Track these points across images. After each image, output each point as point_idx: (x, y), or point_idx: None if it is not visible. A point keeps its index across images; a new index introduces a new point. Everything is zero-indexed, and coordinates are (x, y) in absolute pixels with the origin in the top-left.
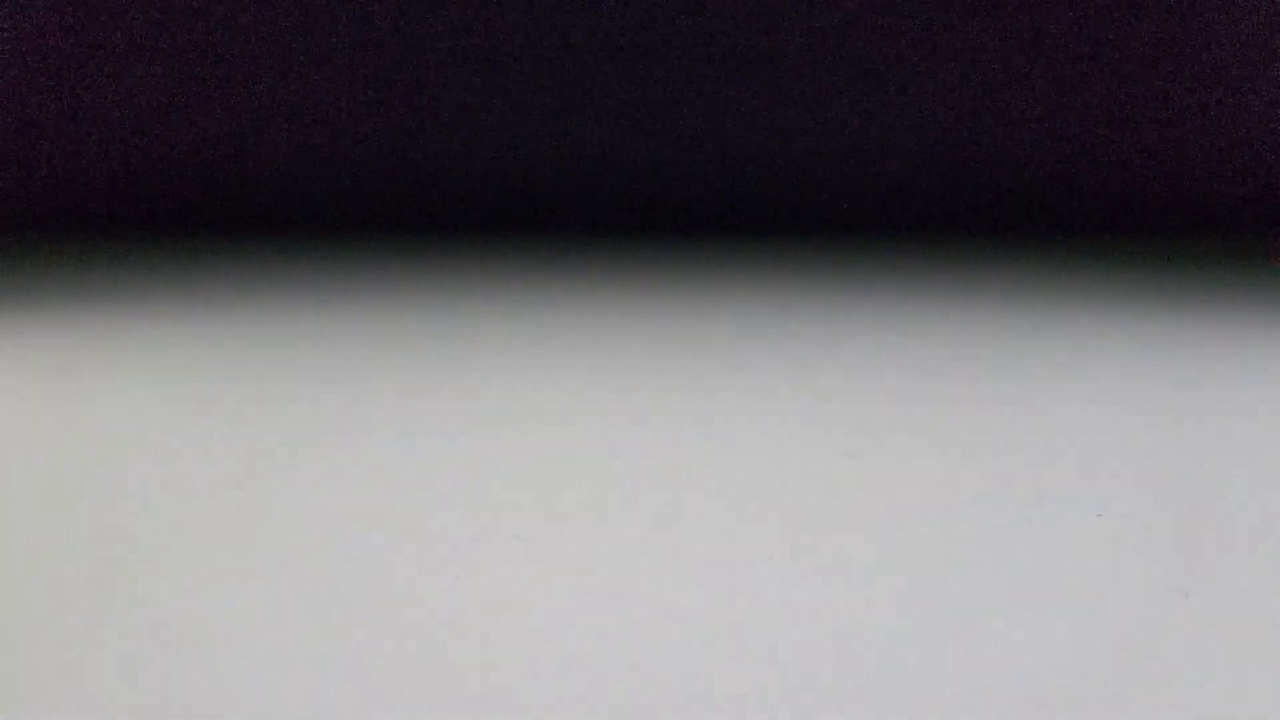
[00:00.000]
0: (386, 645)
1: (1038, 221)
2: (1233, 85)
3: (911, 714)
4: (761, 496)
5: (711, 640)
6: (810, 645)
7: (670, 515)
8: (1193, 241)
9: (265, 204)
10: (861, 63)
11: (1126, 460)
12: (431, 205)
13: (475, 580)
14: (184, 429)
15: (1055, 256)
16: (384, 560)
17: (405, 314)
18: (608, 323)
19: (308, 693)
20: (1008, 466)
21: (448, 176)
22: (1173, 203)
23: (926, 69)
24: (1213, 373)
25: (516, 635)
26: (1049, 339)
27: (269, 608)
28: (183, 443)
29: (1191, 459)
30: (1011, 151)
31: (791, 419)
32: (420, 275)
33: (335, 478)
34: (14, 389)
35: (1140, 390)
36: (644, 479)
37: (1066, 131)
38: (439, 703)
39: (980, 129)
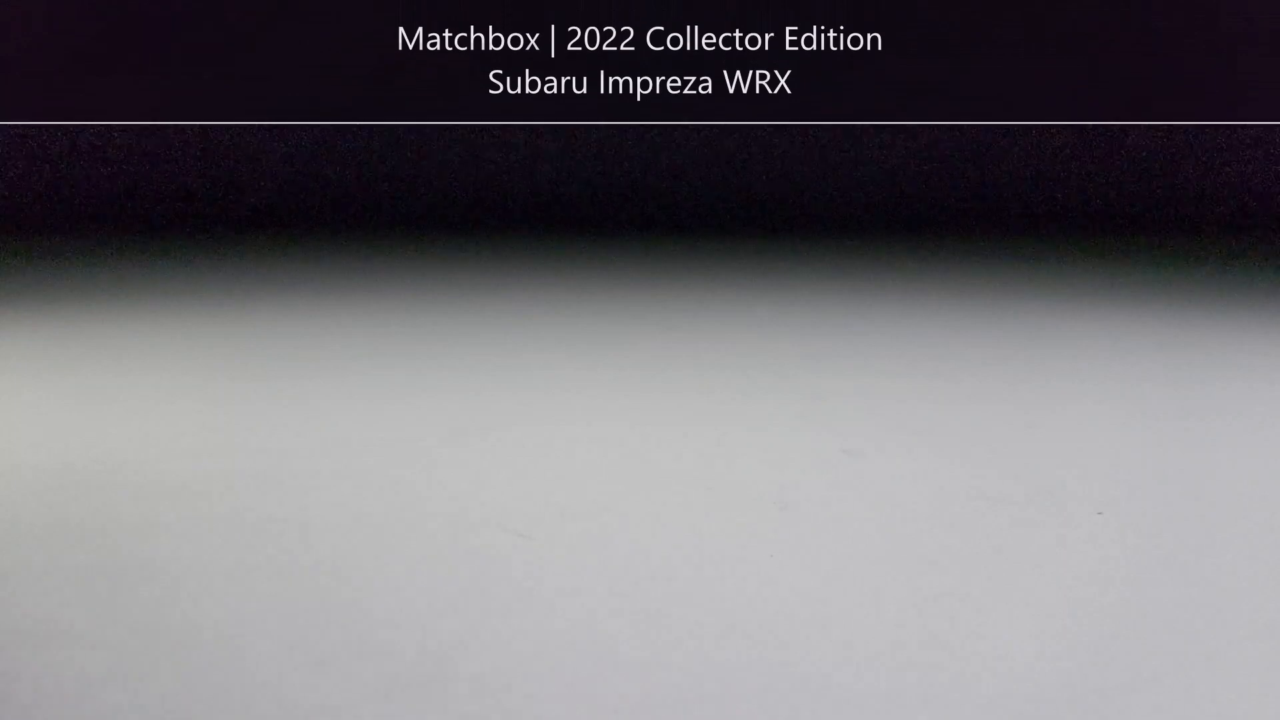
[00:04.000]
0: (385, 638)
1: (1038, 221)
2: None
3: (911, 714)
4: (760, 493)
5: (711, 639)
6: (809, 645)
7: (669, 514)
8: (1193, 241)
9: (265, 204)
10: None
11: (1126, 460)
12: (428, 204)
13: (479, 577)
14: (184, 428)
15: (1054, 256)
16: (385, 558)
17: (404, 313)
18: (607, 321)
19: (308, 689)
20: (1008, 467)
21: (444, 176)
22: (1173, 203)
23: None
24: (1212, 373)
25: (518, 632)
26: (1049, 339)
27: (271, 605)
28: (183, 441)
29: (1192, 458)
30: (1012, 151)
31: (791, 417)
32: (418, 274)
33: (334, 477)
34: (14, 388)
35: (1140, 390)
36: (643, 477)
37: (1068, 130)
38: (439, 696)
39: (981, 127)
